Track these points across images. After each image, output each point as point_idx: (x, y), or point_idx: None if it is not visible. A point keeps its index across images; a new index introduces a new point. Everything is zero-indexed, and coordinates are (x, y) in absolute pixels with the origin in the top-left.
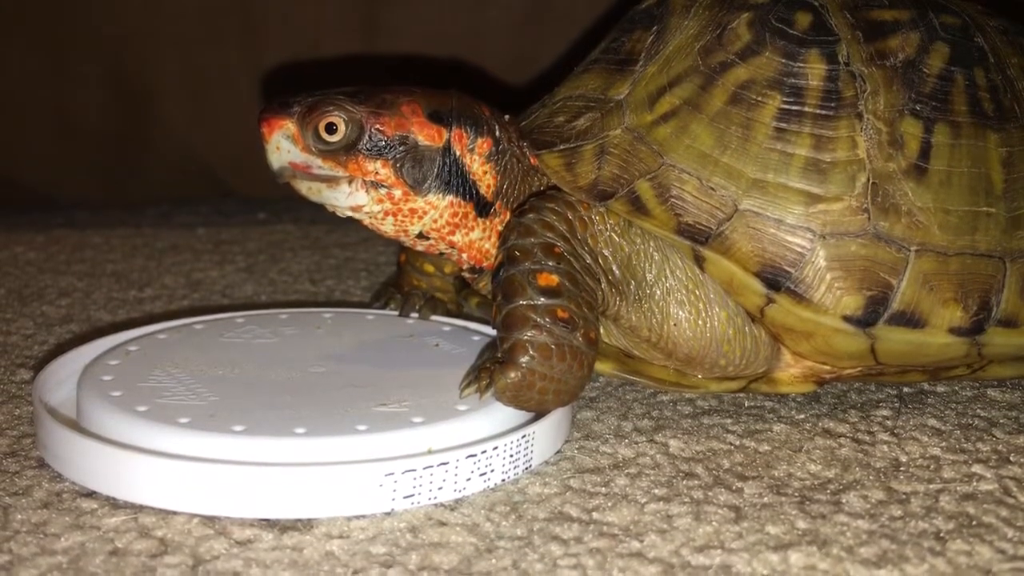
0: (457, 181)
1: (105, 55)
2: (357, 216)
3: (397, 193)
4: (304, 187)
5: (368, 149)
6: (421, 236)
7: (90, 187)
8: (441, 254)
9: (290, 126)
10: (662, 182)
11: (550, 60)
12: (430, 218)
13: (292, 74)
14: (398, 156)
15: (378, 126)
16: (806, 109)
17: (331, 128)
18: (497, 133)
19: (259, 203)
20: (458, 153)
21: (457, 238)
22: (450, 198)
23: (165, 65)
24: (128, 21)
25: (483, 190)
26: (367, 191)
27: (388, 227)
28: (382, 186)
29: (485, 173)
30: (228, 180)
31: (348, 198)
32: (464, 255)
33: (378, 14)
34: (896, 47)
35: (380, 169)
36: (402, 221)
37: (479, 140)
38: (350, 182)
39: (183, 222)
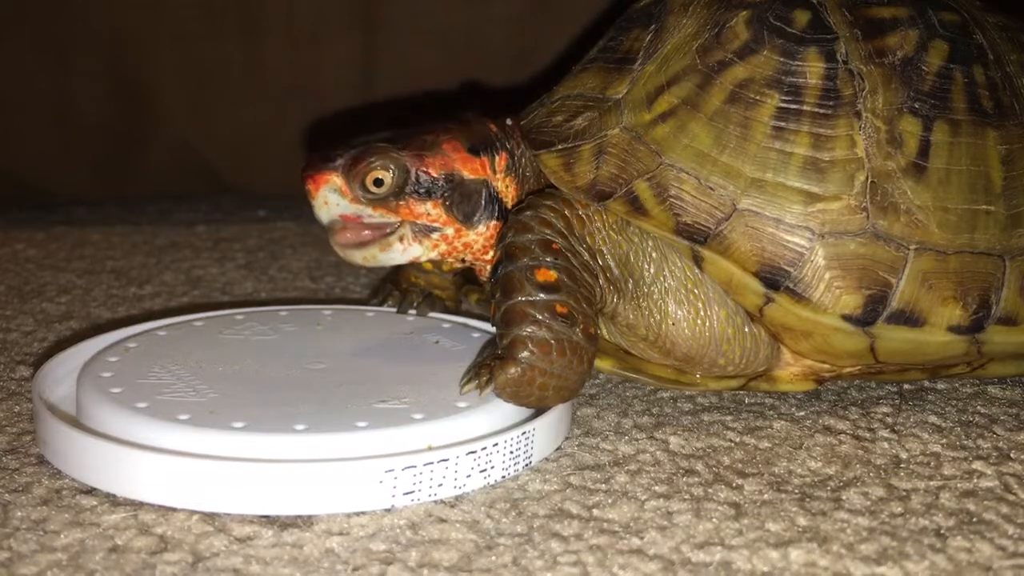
0: (493, 204)
1: (104, 51)
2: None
3: (450, 232)
4: (359, 257)
5: (417, 192)
6: (463, 261)
7: (89, 183)
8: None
9: (336, 180)
10: (660, 182)
11: (551, 57)
12: (479, 246)
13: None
14: (446, 194)
15: (423, 168)
16: (804, 108)
17: (378, 181)
18: (508, 145)
19: (259, 200)
20: (488, 177)
21: (491, 255)
22: (492, 223)
23: (164, 61)
24: (127, 17)
25: (508, 204)
26: (420, 242)
27: (445, 263)
28: (434, 230)
29: (507, 187)
30: (227, 176)
31: (404, 254)
32: (489, 267)
33: (378, 9)
34: (895, 45)
35: (431, 210)
36: (458, 255)
37: (497, 158)
38: (401, 239)
39: (183, 219)
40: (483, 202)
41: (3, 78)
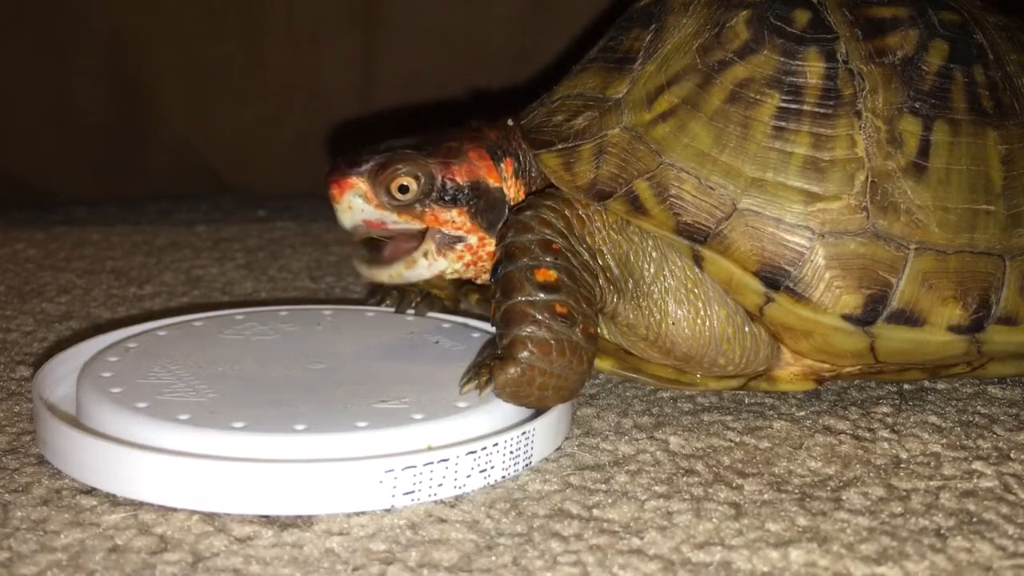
0: (509, 211)
1: (104, 51)
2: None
3: (474, 240)
4: (384, 275)
5: (443, 199)
6: (485, 271)
7: (89, 182)
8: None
9: (361, 185)
10: (660, 181)
11: (551, 56)
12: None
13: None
14: (471, 202)
15: (450, 176)
16: (805, 107)
17: (404, 188)
18: (512, 147)
19: (259, 200)
20: (503, 184)
21: None
22: None
23: (164, 61)
24: (127, 17)
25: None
26: (444, 255)
27: (468, 274)
28: (458, 241)
29: (517, 192)
30: (227, 176)
31: (430, 269)
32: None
33: (378, 9)
34: (895, 44)
35: (456, 217)
36: (481, 267)
37: (502, 164)
38: (425, 254)
39: (183, 219)
40: (506, 210)
41: (3, 78)
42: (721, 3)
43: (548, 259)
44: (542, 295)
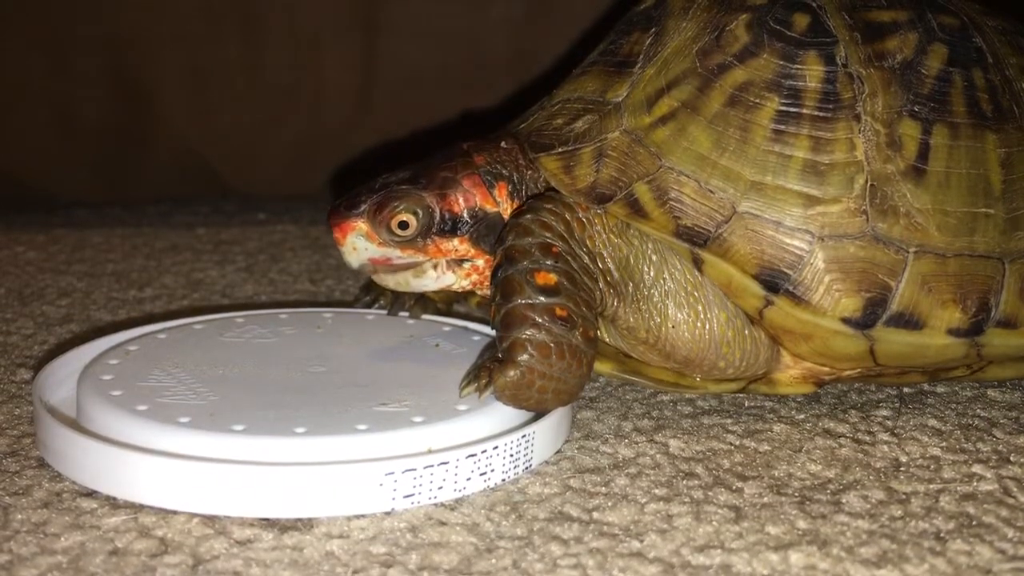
0: None
1: (104, 52)
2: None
3: (480, 263)
4: (391, 281)
5: (443, 230)
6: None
7: (89, 184)
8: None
9: (362, 226)
10: (660, 184)
11: (550, 60)
12: None
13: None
14: (472, 229)
15: (447, 207)
16: (804, 111)
17: (404, 224)
18: (504, 172)
19: (259, 203)
20: (500, 210)
21: None
22: None
23: (165, 62)
24: (128, 19)
25: None
26: (453, 271)
27: (476, 290)
28: (466, 260)
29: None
30: (227, 178)
31: (437, 281)
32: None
33: (378, 12)
34: (894, 48)
35: (458, 246)
36: (488, 285)
37: (495, 190)
38: (435, 266)
39: (183, 222)
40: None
41: (3, 78)
42: (721, 7)
43: (548, 262)
44: (542, 298)
